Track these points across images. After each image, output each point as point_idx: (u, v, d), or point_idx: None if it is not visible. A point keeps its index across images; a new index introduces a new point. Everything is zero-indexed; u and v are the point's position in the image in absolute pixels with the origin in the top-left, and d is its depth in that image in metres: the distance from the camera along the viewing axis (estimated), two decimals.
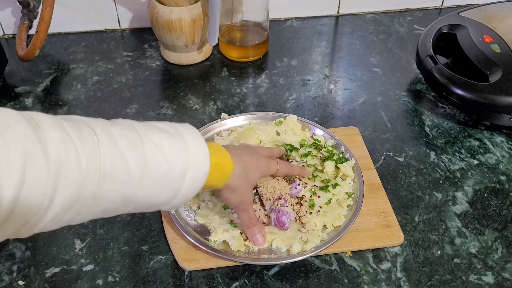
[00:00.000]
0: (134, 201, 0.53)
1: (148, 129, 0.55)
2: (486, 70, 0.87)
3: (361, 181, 0.76)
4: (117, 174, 0.50)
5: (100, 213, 0.52)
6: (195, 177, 0.56)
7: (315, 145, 0.82)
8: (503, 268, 0.69)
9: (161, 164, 0.53)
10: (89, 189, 0.48)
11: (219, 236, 0.70)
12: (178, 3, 0.97)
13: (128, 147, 0.51)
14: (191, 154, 0.56)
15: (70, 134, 0.47)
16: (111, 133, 0.51)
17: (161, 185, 0.54)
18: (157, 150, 0.53)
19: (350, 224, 0.70)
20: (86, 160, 0.47)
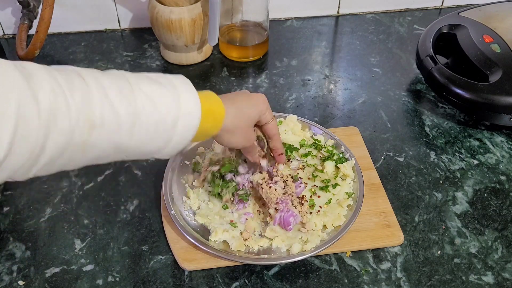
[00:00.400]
0: (126, 150, 0.55)
1: (140, 79, 0.56)
2: (486, 70, 0.87)
3: (361, 181, 0.76)
4: (107, 123, 0.51)
5: (92, 159, 0.54)
6: (186, 126, 0.58)
7: (315, 145, 0.82)
8: (503, 268, 0.69)
9: (152, 114, 0.55)
10: (79, 137, 0.50)
11: (219, 236, 0.70)
12: (178, 3, 0.97)
13: (118, 97, 0.53)
14: (182, 103, 0.57)
15: (61, 84, 0.49)
16: (102, 83, 0.53)
17: (151, 134, 0.55)
18: (147, 99, 0.55)
19: (350, 224, 0.70)
20: (76, 109, 0.49)
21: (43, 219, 0.75)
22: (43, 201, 0.78)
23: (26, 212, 0.76)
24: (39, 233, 0.74)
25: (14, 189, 0.80)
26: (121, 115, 0.52)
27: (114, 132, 0.53)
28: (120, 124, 0.53)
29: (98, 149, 0.53)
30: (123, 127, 0.53)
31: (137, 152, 0.57)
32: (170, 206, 0.72)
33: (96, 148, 0.52)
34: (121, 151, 0.55)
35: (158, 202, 0.77)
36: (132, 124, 0.53)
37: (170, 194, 0.74)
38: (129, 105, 0.53)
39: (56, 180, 0.81)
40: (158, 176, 0.81)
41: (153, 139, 0.56)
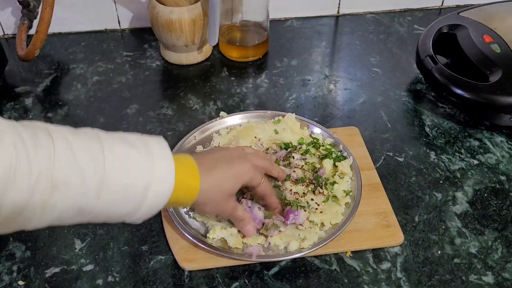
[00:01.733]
0: (91, 213, 0.52)
1: (113, 141, 0.54)
2: (486, 70, 0.87)
3: (359, 179, 0.76)
4: (70, 185, 0.49)
5: (54, 220, 0.51)
6: (158, 193, 0.55)
7: (313, 144, 0.82)
8: (503, 268, 0.69)
9: (121, 178, 0.52)
10: (38, 197, 0.48)
11: (217, 234, 0.70)
12: (178, 3, 0.97)
13: (86, 158, 0.50)
14: (156, 170, 0.55)
15: (24, 141, 0.47)
16: (71, 142, 0.50)
17: (120, 199, 0.53)
18: (118, 163, 0.52)
19: (347, 222, 0.70)
20: (37, 169, 0.47)
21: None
22: None
23: None
24: (39, 233, 0.74)
25: None
26: (87, 178, 0.50)
27: (79, 194, 0.50)
28: (86, 187, 0.50)
29: (59, 210, 0.50)
30: (89, 190, 0.50)
31: (104, 215, 0.54)
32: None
33: (57, 209, 0.50)
34: (86, 214, 0.52)
35: None
36: (99, 188, 0.51)
37: None
38: (97, 167, 0.51)
39: None
40: None
41: (122, 204, 0.54)
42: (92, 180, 0.50)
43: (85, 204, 0.51)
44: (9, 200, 0.46)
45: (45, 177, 0.47)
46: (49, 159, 0.48)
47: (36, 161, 0.47)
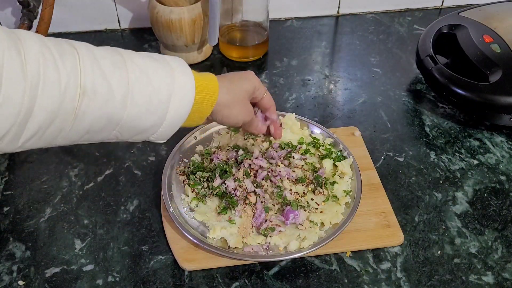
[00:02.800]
0: (119, 122, 0.54)
1: (133, 54, 0.56)
2: (486, 70, 0.87)
3: (359, 179, 0.76)
4: (98, 91, 0.51)
5: (84, 132, 0.53)
6: (181, 100, 0.57)
7: (313, 143, 0.82)
8: (503, 268, 0.69)
9: (145, 87, 0.54)
10: (69, 104, 0.49)
11: (217, 233, 0.70)
12: (178, 3, 0.97)
13: (110, 67, 0.52)
14: (176, 77, 0.57)
15: (50, 49, 0.49)
16: (94, 53, 0.52)
17: (145, 108, 0.54)
18: (141, 72, 0.54)
19: (347, 222, 0.70)
20: (66, 75, 0.48)
21: (43, 219, 0.75)
22: (43, 201, 0.78)
23: (26, 212, 0.76)
24: (39, 233, 0.74)
25: (14, 189, 0.80)
26: (113, 85, 0.52)
27: (106, 101, 0.51)
28: (113, 94, 0.52)
29: (89, 119, 0.51)
30: (115, 98, 0.52)
31: (131, 127, 0.55)
32: (168, 204, 0.72)
33: (88, 117, 0.51)
34: (114, 123, 0.54)
35: (158, 202, 0.77)
36: (124, 95, 0.52)
37: (169, 192, 0.74)
38: (122, 76, 0.53)
39: (56, 180, 0.81)
40: (158, 176, 0.81)
41: (148, 113, 0.55)
42: (117, 88, 0.52)
43: (113, 113, 0.53)
44: (41, 107, 0.47)
45: (73, 84, 0.49)
46: (75, 67, 0.49)
47: (64, 68, 0.48)
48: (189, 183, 0.76)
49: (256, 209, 0.72)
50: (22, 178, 0.81)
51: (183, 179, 0.78)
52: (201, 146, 0.83)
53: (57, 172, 0.82)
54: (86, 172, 0.82)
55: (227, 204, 0.73)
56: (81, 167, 0.83)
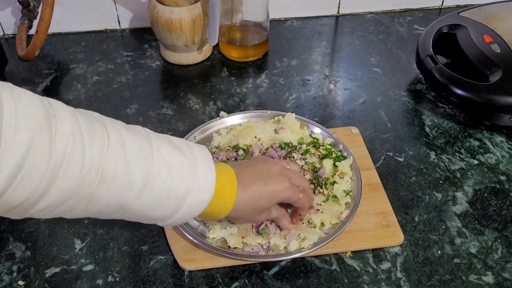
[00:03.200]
0: (130, 210, 0.53)
1: (162, 143, 0.55)
2: (486, 70, 0.87)
3: (359, 179, 0.76)
4: (118, 180, 0.50)
5: (94, 213, 0.53)
6: (197, 200, 0.56)
7: (313, 143, 0.82)
8: (503, 268, 0.69)
9: (165, 181, 0.53)
10: (87, 188, 0.49)
11: (217, 233, 0.70)
12: (178, 3, 0.97)
13: (136, 157, 0.52)
14: (198, 177, 0.56)
15: (82, 131, 0.48)
16: (124, 138, 0.51)
17: (159, 201, 0.54)
18: (164, 165, 0.53)
19: (347, 222, 0.70)
20: (90, 160, 0.48)
21: (43, 219, 0.75)
22: None
23: None
24: (39, 233, 0.74)
25: None
26: (134, 174, 0.51)
27: (123, 190, 0.51)
28: (131, 184, 0.51)
29: (103, 204, 0.51)
30: (133, 188, 0.51)
31: (141, 215, 0.55)
32: None
33: (102, 203, 0.51)
34: (125, 210, 0.53)
35: None
36: (143, 186, 0.52)
37: None
38: (145, 166, 0.52)
39: None
40: None
41: (161, 206, 0.55)
42: (137, 178, 0.51)
43: (127, 202, 0.52)
44: (58, 187, 0.47)
45: (95, 169, 0.48)
46: (102, 151, 0.49)
47: (90, 152, 0.48)
48: None
49: None
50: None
51: None
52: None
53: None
54: None
55: None
56: None
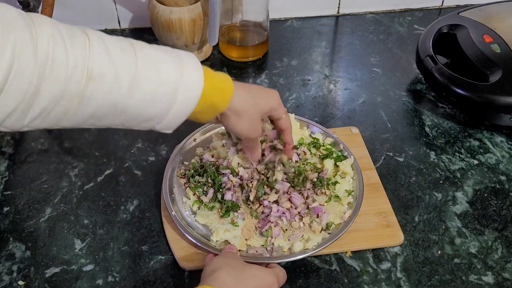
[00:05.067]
0: (124, 110, 0.55)
1: (144, 45, 0.57)
2: (486, 70, 0.87)
3: (361, 179, 0.76)
4: (104, 77, 0.52)
5: (89, 116, 0.54)
6: (188, 95, 0.57)
7: (313, 144, 0.82)
8: (503, 268, 0.69)
9: (152, 76, 0.55)
10: (75, 87, 0.50)
11: (220, 236, 0.70)
12: (178, 3, 0.97)
13: (119, 55, 0.53)
14: (185, 72, 0.57)
15: (62, 33, 0.50)
16: (104, 39, 0.54)
17: (151, 97, 0.55)
18: (149, 62, 0.55)
19: (350, 222, 0.70)
20: (74, 59, 0.50)
21: (43, 219, 0.75)
22: (43, 201, 0.78)
23: (26, 212, 0.76)
24: (39, 233, 0.74)
25: (14, 189, 0.80)
26: (120, 71, 0.52)
27: (112, 87, 0.52)
28: (119, 81, 0.52)
29: (94, 104, 0.52)
30: (121, 84, 0.53)
31: (136, 114, 0.56)
32: (170, 207, 0.72)
33: (93, 103, 0.52)
34: (119, 110, 0.54)
35: (158, 202, 0.77)
36: (131, 83, 0.53)
37: (171, 195, 0.74)
38: (130, 63, 0.53)
39: (56, 180, 0.81)
40: (158, 176, 0.81)
41: (153, 103, 0.56)
42: (124, 75, 0.53)
43: (118, 100, 0.53)
44: (48, 88, 0.49)
45: (80, 67, 0.50)
46: (84, 51, 0.51)
47: (72, 51, 0.50)
48: (189, 186, 0.76)
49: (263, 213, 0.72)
50: (22, 178, 0.81)
51: (184, 182, 0.78)
52: (201, 148, 0.83)
53: (57, 172, 0.82)
54: (86, 172, 0.82)
55: (228, 208, 0.73)
56: (81, 167, 0.83)
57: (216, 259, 0.60)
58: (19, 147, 0.86)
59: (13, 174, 0.82)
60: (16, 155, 0.85)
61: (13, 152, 0.86)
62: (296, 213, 0.72)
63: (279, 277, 0.61)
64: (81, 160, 0.84)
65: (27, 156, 0.85)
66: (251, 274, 0.58)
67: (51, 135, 0.89)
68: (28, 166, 0.83)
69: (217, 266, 0.58)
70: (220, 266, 0.57)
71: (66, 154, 0.85)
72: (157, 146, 0.87)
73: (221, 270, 0.56)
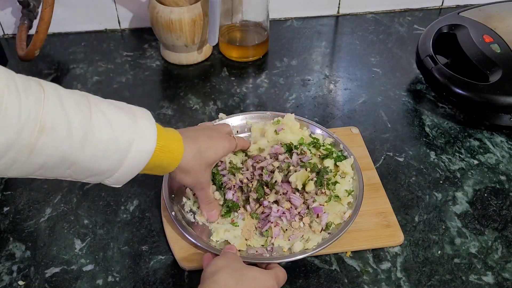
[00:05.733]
0: (74, 163, 0.54)
1: (100, 100, 0.57)
2: (486, 70, 0.87)
3: (361, 179, 0.76)
4: (57, 130, 0.51)
5: (38, 168, 0.53)
6: (140, 150, 0.58)
7: (313, 144, 0.81)
8: (503, 268, 0.69)
9: (106, 132, 0.55)
10: (26, 138, 0.50)
11: (220, 236, 0.70)
12: (178, 3, 0.97)
13: (74, 108, 0.53)
14: (139, 129, 0.58)
15: (16, 83, 0.49)
16: (60, 93, 0.53)
17: (102, 152, 0.55)
18: (103, 117, 0.55)
19: (350, 222, 0.70)
20: (27, 110, 0.49)
21: (43, 219, 0.75)
22: (43, 201, 0.78)
23: (26, 212, 0.76)
24: (39, 233, 0.74)
25: (14, 189, 0.80)
26: (73, 125, 0.52)
27: (64, 140, 0.52)
28: (71, 134, 0.52)
29: (45, 155, 0.52)
30: (73, 138, 0.52)
31: (85, 168, 0.56)
32: (170, 207, 0.72)
33: (43, 154, 0.51)
34: (68, 163, 0.54)
35: (158, 202, 0.77)
36: (83, 137, 0.53)
37: (170, 195, 0.74)
38: (83, 117, 0.53)
39: (56, 180, 0.81)
40: (158, 176, 0.81)
41: (104, 158, 0.56)
42: (77, 129, 0.53)
43: (69, 153, 0.53)
44: None
45: (33, 119, 0.49)
46: (38, 103, 0.50)
47: (26, 103, 0.49)
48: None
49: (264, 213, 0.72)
50: (22, 178, 0.81)
51: None
52: None
53: None
54: None
55: (229, 208, 0.73)
56: None
57: (216, 260, 0.60)
58: None
59: None
60: None
61: None
62: (296, 213, 0.72)
63: (279, 279, 0.62)
64: None
65: None
66: (252, 277, 0.58)
67: None
68: None
69: (217, 267, 0.58)
70: (221, 268, 0.57)
71: None
72: None
73: (221, 272, 0.56)
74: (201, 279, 0.58)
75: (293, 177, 0.73)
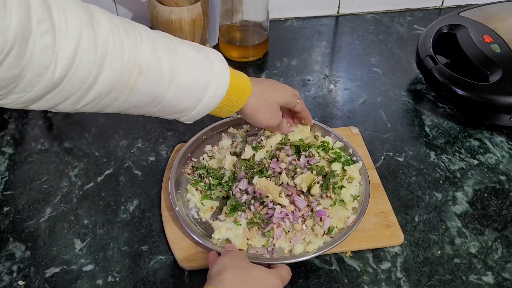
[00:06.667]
0: (162, 101, 0.61)
1: (181, 42, 0.63)
2: (486, 70, 0.87)
3: (368, 185, 0.75)
4: (152, 72, 0.57)
5: (132, 105, 0.60)
6: (216, 90, 0.64)
7: (323, 147, 0.81)
8: (503, 268, 0.69)
9: (189, 73, 0.61)
10: (127, 79, 0.55)
11: (222, 234, 0.70)
12: (178, 3, 0.97)
13: (163, 51, 0.58)
14: (215, 69, 0.63)
15: (118, 27, 0.55)
16: (151, 36, 0.59)
17: (185, 91, 0.61)
18: (187, 60, 0.61)
19: (353, 227, 0.70)
20: (128, 53, 0.55)
21: (43, 219, 0.75)
22: (43, 201, 0.78)
23: (26, 212, 0.76)
24: (39, 233, 0.74)
25: (14, 189, 0.80)
26: (164, 67, 0.58)
27: (156, 81, 0.57)
28: (162, 76, 0.58)
29: (140, 94, 0.58)
30: (164, 79, 0.58)
31: (170, 106, 0.61)
32: (175, 203, 0.73)
33: (139, 93, 0.58)
34: (157, 101, 0.60)
35: (158, 202, 0.77)
36: (171, 78, 0.59)
37: (176, 191, 0.75)
38: (172, 60, 0.59)
39: (56, 180, 0.81)
40: (158, 176, 0.81)
41: (187, 96, 0.62)
42: (167, 70, 0.58)
43: (159, 93, 0.59)
44: (104, 78, 0.53)
45: (133, 62, 0.55)
46: (136, 46, 0.56)
47: (127, 46, 0.55)
48: (191, 183, 0.76)
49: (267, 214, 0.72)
50: (22, 178, 0.81)
51: (189, 178, 0.78)
52: (210, 146, 0.83)
53: (57, 172, 0.82)
54: (86, 172, 0.82)
55: (233, 207, 0.73)
56: (81, 167, 0.83)
57: (222, 259, 0.60)
58: (19, 147, 0.86)
59: (13, 174, 0.82)
60: (16, 155, 0.85)
61: (13, 152, 0.86)
62: (299, 215, 0.71)
63: (283, 278, 0.62)
64: (81, 160, 0.84)
65: (27, 156, 0.85)
66: (257, 276, 0.58)
67: (51, 135, 0.89)
68: (28, 166, 0.83)
69: (223, 266, 0.58)
70: (226, 267, 0.57)
71: (66, 154, 0.85)
72: (157, 146, 0.87)
73: (227, 271, 0.57)
74: (207, 277, 0.58)
75: (298, 179, 0.73)
